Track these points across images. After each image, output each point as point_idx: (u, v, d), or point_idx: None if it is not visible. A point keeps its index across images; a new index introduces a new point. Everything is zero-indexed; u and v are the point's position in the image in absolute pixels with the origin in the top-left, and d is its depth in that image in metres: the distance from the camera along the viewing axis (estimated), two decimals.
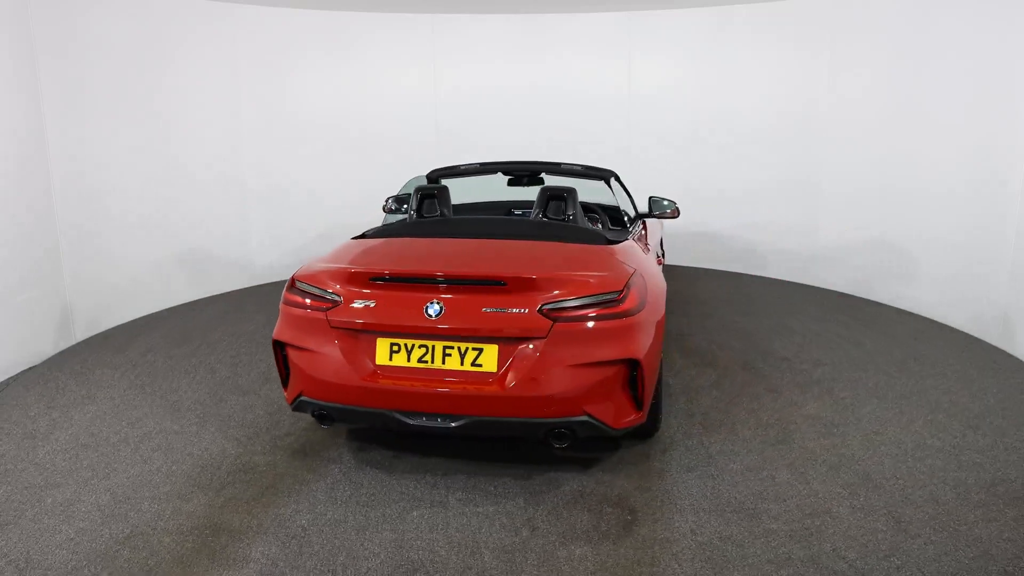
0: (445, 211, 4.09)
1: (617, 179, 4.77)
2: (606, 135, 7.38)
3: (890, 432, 3.69)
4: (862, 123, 6.14)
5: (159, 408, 4.07)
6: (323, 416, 3.21)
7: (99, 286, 5.49)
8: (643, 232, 4.64)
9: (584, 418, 2.99)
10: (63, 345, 5.12)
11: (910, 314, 5.81)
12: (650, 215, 4.98)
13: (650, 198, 5.03)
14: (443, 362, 3.02)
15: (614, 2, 6.87)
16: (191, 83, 6.16)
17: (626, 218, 4.68)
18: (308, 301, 3.19)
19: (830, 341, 5.14)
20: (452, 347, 3.02)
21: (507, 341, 2.98)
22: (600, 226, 4.88)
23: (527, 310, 2.96)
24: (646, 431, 3.56)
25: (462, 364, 3.00)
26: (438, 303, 3.01)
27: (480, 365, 2.99)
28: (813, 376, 4.47)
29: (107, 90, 5.47)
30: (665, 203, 5.02)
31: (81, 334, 5.33)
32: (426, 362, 3.03)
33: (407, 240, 3.64)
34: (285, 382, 3.33)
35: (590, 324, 2.98)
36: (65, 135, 5.10)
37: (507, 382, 2.94)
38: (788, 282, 6.96)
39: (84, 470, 3.37)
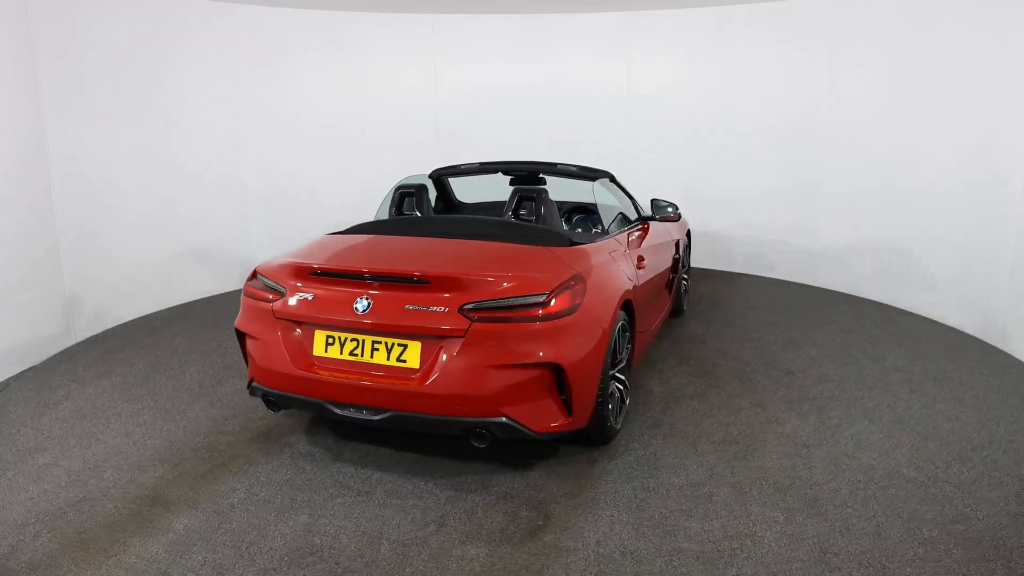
0: (420, 210, 4.17)
1: (613, 180, 4.68)
2: (606, 135, 7.40)
3: (864, 457, 3.43)
4: (862, 123, 6.13)
5: (160, 387, 4.37)
6: (270, 402, 3.38)
7: (99, 286, 5.48)
8: (640, 235, 4.53)
9: (502, 420, 2.99)
10: (63, 345, 5.10)
11: (953, 331, 5.34)
12: (652, 218, 4.87)
13: (652, 201, 4.91)
14: (371, 356, 3.11)
15: (614, 2, 6.85)
16: (191, 83, 6.16)
17: (607, 219, 4.58)
18: (261, 292, 3.36)
19: (848, 355, 4.82)
20: (380, 342, 3.09)
21: (429, 339, 3.02)
22: (595, 227, 4.81)
23: (448, 309, 2.99)
24: (591, 438, 3.49)
25: (388, 359, 3.08)
26: (366, 299, 3.09)
27: (404, 361, 3.05)
28: (810, 393, 4.22)
29: (107, 90, 5.45)
30: (666, 207, 4.89)
31: (82, 334, 5.30)
32: (356, 355, 3.13)
33: (369, 237, 3.74)
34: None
35: (509, 326, 2.97)
36: (65, 135, 5.09)
37: (427, 379, 2.99)
38: (827, 291, 6.58)
39: (72, 438, 3.72)
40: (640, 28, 7.14)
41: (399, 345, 3.06)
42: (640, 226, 4.70)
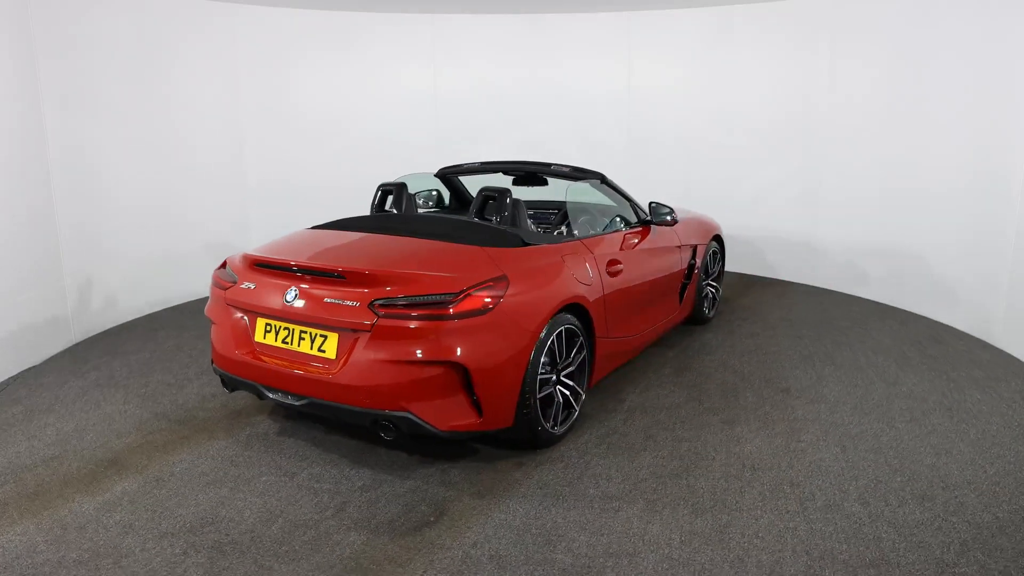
0: (398, 207, 4.30)
1: (605, 181, 4.57)
2: (606, 135, 7.38)
3: (811, 487, 3.16)
4: (862, 123, 6.10)
5: (160, 372, 4.62)
6: (224, 382, 3.64)
7: (100, 285, 5.46)
8: (625, 239, 4.40)
9: (406, 414, 3.05)
10: (63, 345, 5.07)
11: (1009, 359, 4.74)
12: (650, 222, 4.72)
13: (650, 204, 4.76)
14: (298, 345, 3.27)
15: (614, 2, 6.76)
16: (191, 83, 6.13)
17: (584, 220, 4.47)
18: (221, 281, 3.63)
19: (862, 376, 4.47)
20: (306, 332, 3.25)
21: (345, 331, 3.14)
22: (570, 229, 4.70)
23: (359, 303, 3.09)
24: (521, 441, 3.46)
25: (311, 349, 3.23)
26: (295, 290, 3.26)
27: (324, 351, 3.19)
28: (795, 413, 3.93)
29: (107, 89, 5.41)
30: (665, 213, 4.73)
31: (82, 334, 5.28)
32: (288, 343, 3.31)
33: (328, 232, 3.89)
34: None
35: (413, 323, 3.03)
36: (65, 134, 5.03)
37: (339, 370, 3.11)
38: (881, 305, 6.07)
39: (81, 403, 4.19)
40: (640, 28, 7.14)
41: (320, 336, 3.20)
42: (631, 229, 4.57)
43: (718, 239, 5.64)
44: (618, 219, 4.67)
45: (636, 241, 4.49)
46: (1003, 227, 4.90)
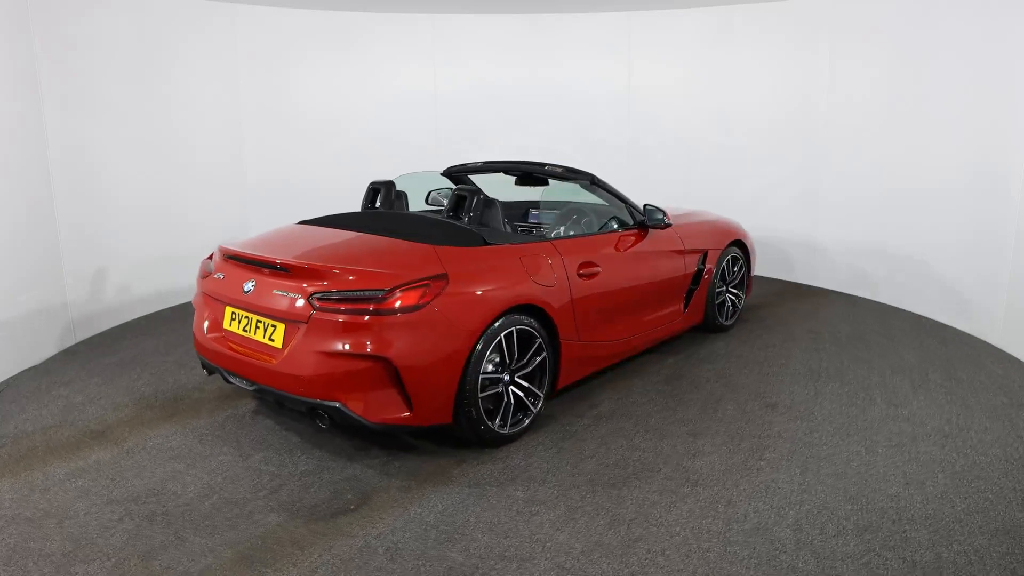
0: (386, 205, 4.41)
1: (595, 182, 4.49)
2: (606, 135, 7.35)
3: (746, 508, 3.01)
4: (862, 123, 6.07)
5: (166, 355, 4.89)
6: (204, 366, 3.88)
7: (100, 285, 5.45)
8: (607, 241, 4.32)
9: (337, 405, 3.15)
10: (63, 345, 5.07)
11: None
12: (644, 226, 4.59)
13: (644, 207, 4.63)
14: (254, 333, 3.44)
15: (614, 2, 6.71)
16: (191, 83, 6.12)
17: (562, 220, 4.42)
18: (203, 271, 3.87)
19: (864, 397, 4.18)
20: (261, 322, 3.42)
21: (290, 322, 3.28)
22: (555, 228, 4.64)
23: (301, 296, 3.22)
24: (467, 439, 3.49)
25: (263, 337, 3.39)
26: (252, 282, 3.43)
27: (273, 340, 3.34)
28: (770, 431, 3.73)
29: (107, 89, 5.40)
30: (658, 215, 4.59)
31: (82, 334, 5.26)
32: (247, 332, 3.49)
33: (305, 227, 4.00)
34: None
35: (343, 317, 3.12)
36: (65, 134, 5.02)
37: (281, 359, 3.26)
38: (928, 320, 5.61)
39: (96, 378, 4.51)
40: (640, 28, 7.10)
41: (271, 326, 3.35)
42: (621, 232, 4.48)
43: (740, 244, 5.40)
44: (614, 222, 4.58)
45: (623, 244, 4.39)
46: (1003, 227, 4.85)
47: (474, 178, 5.29)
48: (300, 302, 3.20)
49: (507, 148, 7.15)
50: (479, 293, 3.37)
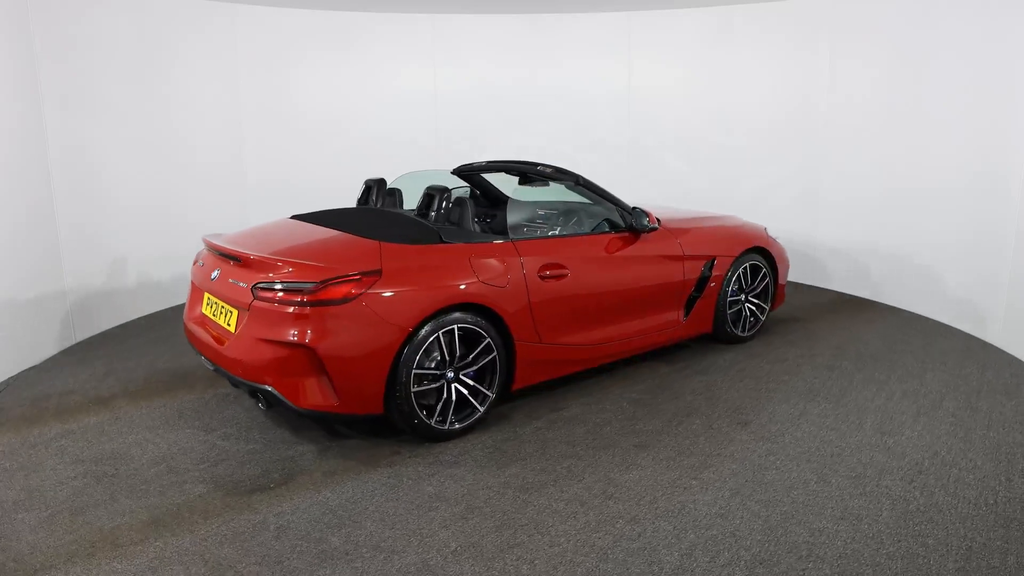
0: (377, 202, 4.55)
1: (580, 182, 4.41)
2: (606, 135, 7.36)
3: (644, 525, 2.88)
4: (862, 123, 6.07)
5: (171, 344, 5.15)
6: (191, 346, 4.20)
7: (100, 285, 5.46)
8: (594, 244, 4.23)
9: (268, 388, 3.33)
10: (63, 345, 5.09)
11: None
12: (632, 228, 4.45)
13: (633, 209, 4.48)
14: (219, 318, 3.71)
15: (614, 2, 6.70)
16: (191, 83, 6.11)
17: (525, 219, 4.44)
18: (195, 258, 4.20)
19: (854, 422, 3.85)
20: (223, 308, 3.67)
21: (240, 309, 3.50)
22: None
23: (247, 285, 3.43)
24: (409, 432, 3.57)
25: (223, 322, 3.64)
26: (218, 271, 3.69)
27: (228, 325, 3.59)
28: (724, 450, 3.53)
29: (107, 89, 5.40)
30: (645, 219, 4.43)
31: (81, 334, 5.28)
32: (216, 316, 3.75)
33: (286, 221, 4.18)
34: None
35: (276, 306, 3.30)
36: (65, 134, 5.02)
37: (229, 343, 3.49)
38: (980, 342, 5.11)
39: (91, 366, 4.71)
40: (640, 28, 7.11)
41: (230, 311, 3.59)
42: (605, 234, 4.38)
43: (761, 251, 5.09)
44: (606, 224, 4.48)
45: (601, 246, 4.31)
46: (1003, 227, 4.86)
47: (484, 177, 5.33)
48: (245, 291, 3.42)
49: (507, 148, 7.13)
50: (413, 290, 3.43)
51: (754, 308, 5.14)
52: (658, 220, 4.74)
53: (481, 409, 3.70)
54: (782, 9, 6.49)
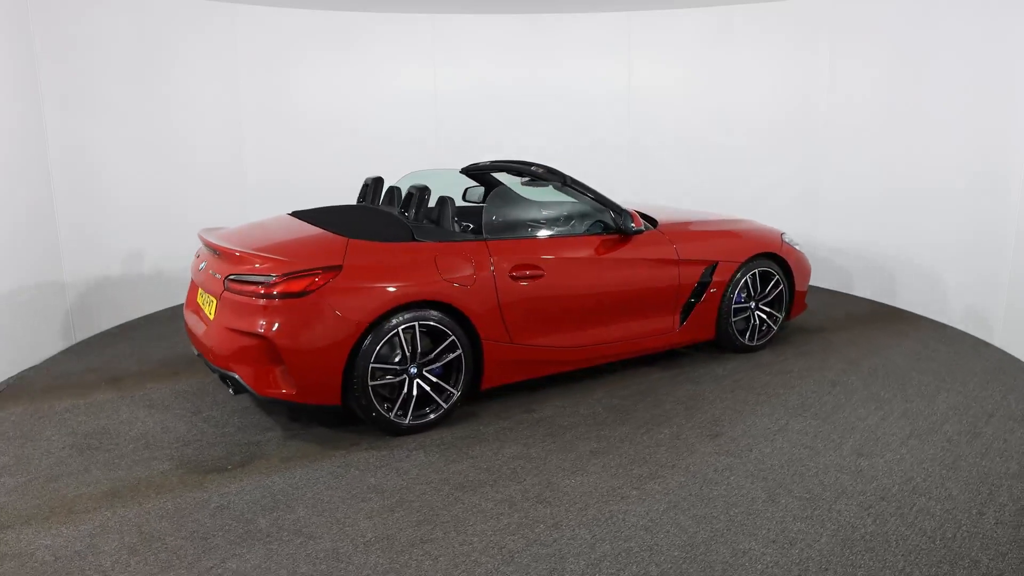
0: (374, 199, 4.66)
1: (567, 183, 4.36)
2: (606, 135, 7.36)
3: (556, 534, 2.82)
4: (862, 123, 6.07)
5: (172, 339, 5.29)
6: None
7: (100, 285, 5.45)
8: (573, 245, 4.19)
9: (233, 375, 3.51)
10: (63, 344, 5.09)
11: None
12: (618, 231, 4.36)
13: (621, 211, 4.38)
14: (205, 307, 3.91)
15: (614, 2, 6.70)
16: (191, 83, 6.11)
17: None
18: (196, 254, 4.39)
19: (833, 440, 3.62)
20: (207, 298, 3.87)
21: (217, 300, 3.67)
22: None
23: (221, 277, 3.62)
24: (369, 423, 3.65)
25: (207, 312, 3.81)
26: (204, 263, 3.91)
27: (210, 314, 3.79)
28: (680, 462, 3.40)
29: (107, 89, 5.40)
30: (629, 221, 4.33)
31: (81, 333, 5.28)
32: (204, 306, 3.95)
33: (279, 218, 4.29)
34: None
35: (239, 298, 3.49)
36: (65, 134, 5.02)
37: (204, 331, 3.71)
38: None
39: (99, 353, 4.99)
40: (640, 28, 7.12)
41: (211, 302, 3.78)
42: (589, 236, 4.33)
43: (774, 257, 4.89)
44: (598, 226, 4.44)
45: (582, 248, 4.24)
46: (1003, 227, 4.85)
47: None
48: (219, 282, 3.61)
49: (507, 148, 7.12)
50: (372, 287, 3.51)
51: (765, 317, 4.92)
52: (654, 222, 4.67)
53: (445, 406, 3.75)
54: (782, 9, 6.48)
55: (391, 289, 3.54)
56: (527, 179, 4.95)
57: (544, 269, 4.03)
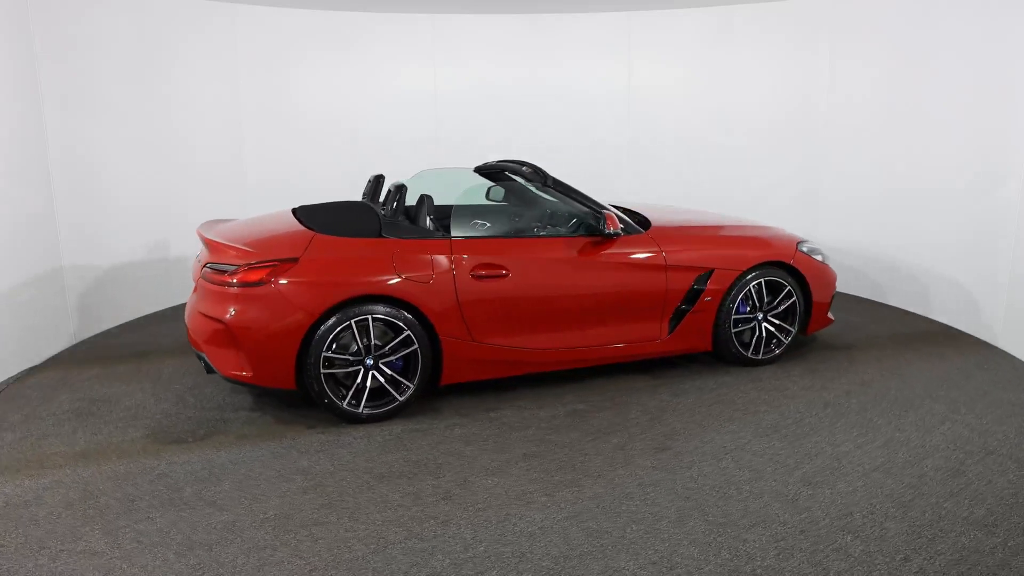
0: (371, 196, 4.78)
1: (548, 183, 4.34)
2: (606, 135, 7.40)
3: (441, 531, 2.85)
4: (862, 123, 6.10)
5: (174, 336, 5.35)
6: None
7: (100, 285, 5.48)
8: (545, 247, 4.16)
9: (204, 355, 3.76)
10: (64, 344, 5.10)
11: None
12: (602, 232, 4.29)
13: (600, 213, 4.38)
14: (195, 294, 4.03)
15: (614, 2, 6.72)
16: (191, 83, 6.13)
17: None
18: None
19: (791, 466, 3.38)
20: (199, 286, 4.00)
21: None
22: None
23: (204, 265, 3.85)
24: (333, 413, 3.80)
25: (195, 297, 3.99)
26: (198, 254, 4.10)
27: (194, 300, 3.98)
28: (610, 473, 3.29)
29: (107, 89, 5.42)
30: (609, 227, 4.27)
31: (81, 334, 5.30)
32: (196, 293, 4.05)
33: (282, 212, 4.35)
34: None
35: (208, 285, 3.76)
36: (65, 134, 5.03)
37: (188, 314, 3.95)
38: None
39: (107, 352, 5.07)
40: (640, 28, 7.15)
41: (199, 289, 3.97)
42: (551, 236, 4.28)
43: (786, 267, 4.63)
44: (583, 227, 4.36)
45: (553, 249, 4.19)
46: (1003, 227, 4.87)
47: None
48: (201, 270, 3.86)
49: (507, 148, 7.06)
50: (325, 279, 3.67)
51: (773, 330, 4.66)
52: (647, 224, 4.55)
53: (400, 399, 3.84)
54: (782, 9, 6.50)
55: (344, 283, 3.69)
56: (492, 184, 4.97)
57: (510, 269, 4.01)
